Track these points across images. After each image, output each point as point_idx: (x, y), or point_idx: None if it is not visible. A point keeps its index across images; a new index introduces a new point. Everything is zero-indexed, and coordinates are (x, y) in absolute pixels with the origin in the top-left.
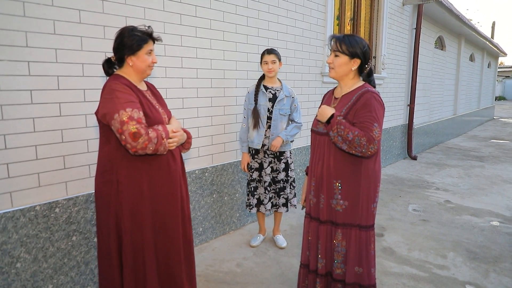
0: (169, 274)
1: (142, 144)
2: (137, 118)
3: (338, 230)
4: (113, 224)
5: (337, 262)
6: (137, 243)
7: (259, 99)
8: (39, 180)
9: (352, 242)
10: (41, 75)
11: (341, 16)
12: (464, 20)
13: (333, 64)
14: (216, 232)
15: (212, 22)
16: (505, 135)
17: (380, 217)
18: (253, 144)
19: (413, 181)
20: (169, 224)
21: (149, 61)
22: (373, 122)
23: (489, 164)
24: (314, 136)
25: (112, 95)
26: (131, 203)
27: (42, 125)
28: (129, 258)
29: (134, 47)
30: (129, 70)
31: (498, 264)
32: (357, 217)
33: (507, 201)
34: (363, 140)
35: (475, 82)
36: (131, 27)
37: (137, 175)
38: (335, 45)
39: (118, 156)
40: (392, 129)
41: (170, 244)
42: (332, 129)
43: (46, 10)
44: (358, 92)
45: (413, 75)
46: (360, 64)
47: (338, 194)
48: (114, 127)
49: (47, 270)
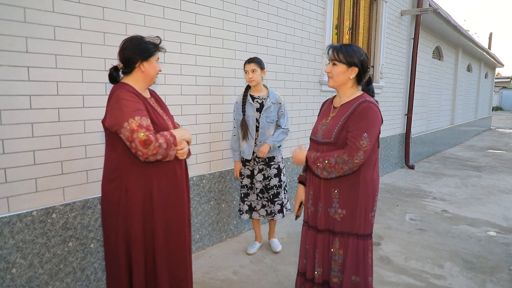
0: (177, 278)
1: (153, 150)
2: (146, 125)
3: (336, 238)
4: (122, 231)
5: (334, 271)
6: (148, 249)
7: (247, 110)
8: (36, 186)
9: (349, 251)
10: (40, 81)
11: (339, 25)
12: (462, 30)
13: (331, 73)
14: (213, 240)
15: (211, 30)
16: (502, 145)
17: (377, 226)
18: (244, 154)
19: (410, 190)
20: (177, 228)
21: (159, 68)
22: (362, 132)
23: (486, 174)
24: (313, 145)
25: (120, 104)
26: (140, 209)
27: (40, 130)
28: (140, 263)
29: (148, 53)
30: (138, 77)
31: (494, 274)
32: (355, 226)
33: (504, 211)
34: (345, 157)
35: (472, 92)
36: (138, 36)
37: (145, 181)
38: (333, 55)
39: (126, 163)
40: (390, 138)
41: (178, 248)
42: (313, 167)
43: (47, 16)
44: (356, 102)
45: (410, 84)
46: (358, 72)
47: (336, 203)
48: (124, 136)
49: (43, 276)
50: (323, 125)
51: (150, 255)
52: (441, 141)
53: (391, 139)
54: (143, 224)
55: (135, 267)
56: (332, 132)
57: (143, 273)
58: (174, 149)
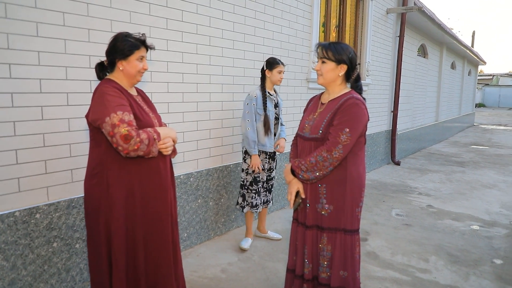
0: (158, 276)
1: (134, 145)
2: (128, 120)
3: (324, 234)
4: (102, 227)
5: (323, 267)
6: (129, 245)
7: (268, 105)
8: (19, 185)
9: (337, 246)
10: (22, 78)
11: (326, 23)
12: (446, 29)
13: (320, 71)
14: (201, 238)
15: (198, 27)
16: (484, 141)
17: (364, 221)
18: (265, 147)
19: (397, 186)
20: (160, 226)
21: (140, 67)
22: (344, 126)
23: (470, 169)
24: (300, 141)
25: (103, 99)
26: (122, 205)
27: (23, 128)
28: (120, 260)
29: (126, 52)
30: (120, 74)
31: (478, 267)
32: (342, 221)
33: (486, 205)
34: (323, 153)
35: (456, 89)
36: (125, 33)
37: (127, 177)
38: (322, 52)
39: (108, 159)
40: (376, 135)
41: (160, 246)
42: (297, 171)
43: (29, 12)
44: (343, 98)
45: (396, 82)
46: (347, 70)
47: (323, 199)
48: (105, 130)
49: (26, 278)
50: (310, 120)
51: (132, 252)
52: (426, 138)
53: (377, 136)
54: (124, 221)
55: (114, 264)
56: (319, 128)
57: (124, 270)
58: (157, 146)
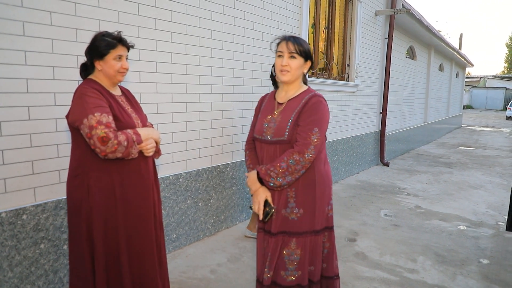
0: (143, 277)
1: (112, 148)
2: (106, 122)
3: (293, 239)
4: (84, 229)
5: (290, 270)
6: (110, 247)
7: None
8: (5, 186)
9: (307, 249)
10: (9, 78)
11: (315, 25)
12: (434, 31)
13: (289, 67)
14: (190, 239)
15: (187, 28)
16: (472, 142)
17: (353, 222)
18: None
19: (385, 186)
20: (142, 227)
21: (118, 67)
22: (313, 126)
23: (457, 170)
24: (260, 145)
25: (82, 100)
26: (102, 207)
27: (9, 129)
28: (102, 262)
29: (102, 52)
30: (100, 74)
31: (464, 267)
32: (314, 223)
33: (473, 206)
34: (295, 157)
35: (444, 91)
36: (104, 32)
37: (108, 179)
38: (293, 46)
39: (88, 160)
40: (365, 136)
41: (143, 247)
42: (266, 178)
43: (15, 11)
44: (305, 97)
45: (385, 83)
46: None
47: (293, 202)
48: (83, 132)
49: (13, 280)
50: (270, 122)
51: (114, 254)
52: (415, 139)
53: (366, 137)
54: (105, 223)
55: (97, 265)
56: (285, 129)
57: (103, 271)
58: (137, 147)
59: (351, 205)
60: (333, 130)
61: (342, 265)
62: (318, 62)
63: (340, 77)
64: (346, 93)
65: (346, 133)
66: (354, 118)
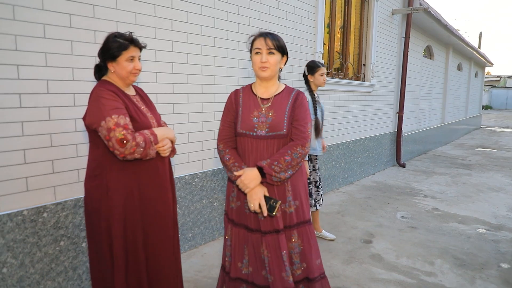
0: (159, 274)
1: (130, 149)
2: (124, 124)
3: (294, 231)
4: (104, 229)
5: (296, 264)
6: (129, 245)
7: (318, 109)
8: (27, 185)
9: (306, 238)
10: (30, 79)
11: (331, 24)
12: (452, 30)
13: (268, 63)
14: (206, 238)
15: (203, 28)
16: (491, 143)
17: (368, 223)
18: (316, 151)
19: (402, 188)
20: (160, 226)
21: (130, 68)
22: (307, 121)
23: (476, 172)
24: (249, 141)
25: (98, 102)
26: (121, 207)
27: (31, 129)
28: (121, 260)
29: (114, 54)
30: (113, 75)
31: (484, 271)
32: (306, 213)
33: (493, 208)
34: (299, 149)
35: (462, 91)
36: (116, 33)
37: (126, 179)
38: (271, 42)
39: (107, 161)
40: (381, 137)
41: (160, 246)
42: (271, 173)
43: (36, 13)
44: (292, 93)
45: (402, 83)
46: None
47: (290, 196)
48: (102, 134)
49: (34, 276)
50: (260, 117)
51: (132, 252)
52: (432, 140)
53: (382, 138)
54: (124, 223)
55: (116, 265)
56: (283, 124)
57: (123, 271)
58: (154, 148)
59: (366, 206)
60: (349, 131)
61: (357, 267)
62: (334, 62)
63: (355, 77)
64: (362, 93)
65: (362, 133)
66: (370, 118)
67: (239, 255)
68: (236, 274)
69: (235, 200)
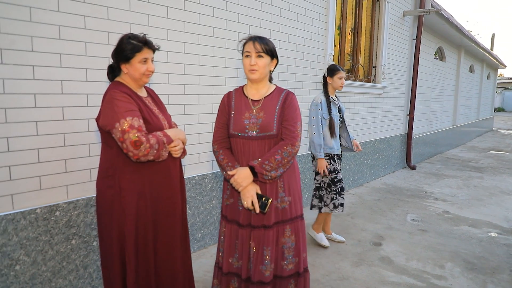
0: (167, 275)
1: (144, 151)
2: (138, 126)
3: (287, 226)
4: (115, 229)
5: (288, 259)
6: (141, 245)
7: (332, 109)
8: (40, 183)
9: (298, 233)
10: (45, 79)
11: (342, 26)
12: (464, 31)
13: (257, 66)
14: (215, 238)
15: (214, 30)
16: (504, 146)
17: (378, 226)
18: (333, 150)
19: (412, 190)
20: (167, 227)
21: (143, 70)
22: (297, 121)
23: (488, 175)
24: (241, 142)
25: (112, 104)
26: (134, 207)
27: (45, 128)
28: (132, 260)
29: (127, 55)
30: (126, 77)
31: (496, 275)
32: (299, 208)
33: (505, 212)
34: (288, 148)
35: (474, 93)
36: (130, 34)
37: (139, 180)
38: (260, 46)
39: (120, 162)
40: (392, 139)
41: (169, 245)
42: (263, 172)
43: (52, 15)
44: (282, 93)
45: (412, 85)
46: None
47: (282, 192)
48: (116, 136)
49: (46, 273)
50: (251, 118)
51: (143, 251)
52: (443, 142)
53: (392, 140)
54: (136, 222)
55: (128, 264)
56: (273, 125)
57: (134, 270)
58: (167, 149)
59: (376, 208)
60: (359, 133)
61: (367, 269)
62: (344, 63)
63: (366, 78)
64: (372, 95)
65: (372, 135)
66: (381, 120)
67: (231, 250)
68: (228, 269)
69: (229, 197)
